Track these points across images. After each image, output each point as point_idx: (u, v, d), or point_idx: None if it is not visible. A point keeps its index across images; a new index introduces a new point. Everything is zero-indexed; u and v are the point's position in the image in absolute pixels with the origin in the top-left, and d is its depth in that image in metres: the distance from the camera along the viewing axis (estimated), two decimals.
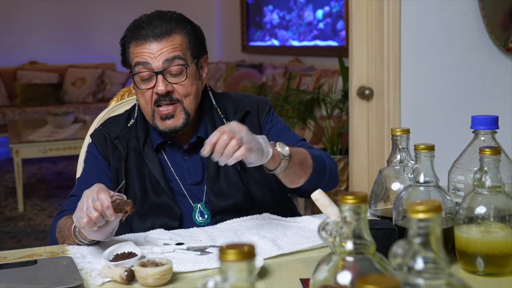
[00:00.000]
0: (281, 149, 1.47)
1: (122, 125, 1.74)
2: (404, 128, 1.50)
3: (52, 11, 8.12)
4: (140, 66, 1.61)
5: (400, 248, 0.79)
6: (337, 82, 5.19)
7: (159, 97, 1.61)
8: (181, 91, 1.62)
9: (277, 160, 1.47)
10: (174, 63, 1.60)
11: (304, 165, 1.55)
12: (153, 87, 1.61)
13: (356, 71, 2.79)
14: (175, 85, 1.61)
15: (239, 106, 1.74)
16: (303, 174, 1.55)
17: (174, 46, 1.60)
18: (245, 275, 0.70)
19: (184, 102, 1.63)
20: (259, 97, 1.84)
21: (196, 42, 1.66)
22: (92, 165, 1.72)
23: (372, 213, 1.53)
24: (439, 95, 2.75)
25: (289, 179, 1.55)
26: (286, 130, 1.76)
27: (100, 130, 1.75)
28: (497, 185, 1.24)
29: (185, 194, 1.69)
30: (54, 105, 7.56)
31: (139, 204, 1.66)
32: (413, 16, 2.67)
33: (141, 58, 1.60)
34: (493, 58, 2.78)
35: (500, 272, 1.25)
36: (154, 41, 1.59)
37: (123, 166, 1.67)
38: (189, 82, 1.62)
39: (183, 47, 1.62)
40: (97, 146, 1.72)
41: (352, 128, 2.86)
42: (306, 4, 6.79)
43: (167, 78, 1.60)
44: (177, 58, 1.60)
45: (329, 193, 1.53)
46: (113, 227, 1.40)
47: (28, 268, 1.32)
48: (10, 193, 5.57)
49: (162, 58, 1.59)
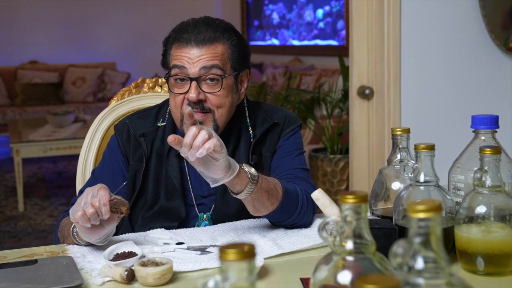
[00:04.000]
0: (248, 168, 1.42)
1: (150, 123, 1.69)
2: (404, 127, 1.50)
3: (52, 10, 8.12)
4: (176, 69, 1.57)
5: (400, 247, 0.79)
6: (337, 81, 5.20)
7: (190, 103, 1.56)
8: (214, 101, 1.57)
9: (245, 180, 1.41)
10: (211, 72, 1.55)
11: (272, 195, 1.47)
12: (185, 93, 1.56)
13: (356, 71, 2.79)
14: (209, 95, 1.56)
15: (268, 117, 1.70)
16: (269, 204, 1.47)
17: (215, 55, 1.56)
18: (246, 275, 0.70)
19: (216, 113, 1.58)
20: (291, 113, 1.77)
21: (239, 54, 1.60)
22: (109, 162, 1.69)
23: (372, 213, 1.53)
24: (439, 94, 2.75)
25: (254, 206, 1.47)
26: (292, 154, 1.69)
27: (126, 123, 1.70)
28: (497, 185, 1.24)
29: (194, 204, 1.66)
30: (55, 105, 7.56)
31: (147, 209, 1.65)
32: (413, 16, 2.67)
33: (179, 61, 1.56)
34: (493, 57, 2.78)
35: (500, 271, 1.25)
36: (195, 46, 1.55)
37: (143, 168, 1.64)
38: (223, 94, 1.57)
39: (224, 57, 1.57)
40: (119, 140, 1.68)
41: (353, 127, 2.86)
42: (306, 3, 6.79)
43: (202, 86, 1.56)
44: (215, 67, 1.55)
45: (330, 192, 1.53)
46: (107, 231, 1.39)
47: (28, 267, 1.32)
48: (10, 192, 5.57)
49: (199, 65, 1.55)
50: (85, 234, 1.39)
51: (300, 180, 1.62)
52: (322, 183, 4.13)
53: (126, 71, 8.23)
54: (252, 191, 1.42)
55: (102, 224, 1.37)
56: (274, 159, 1.69)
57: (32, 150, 5.16)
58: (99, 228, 1.37)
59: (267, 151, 1.69)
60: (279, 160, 1.68)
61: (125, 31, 8.27)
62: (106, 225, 1.37)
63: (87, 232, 1.38)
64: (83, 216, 1.33)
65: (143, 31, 8.17)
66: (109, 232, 1.40)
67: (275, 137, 1.70)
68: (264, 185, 1.45)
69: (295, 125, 1.72)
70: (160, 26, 8.56)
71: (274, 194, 1.48)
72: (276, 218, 1.54)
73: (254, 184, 1.42)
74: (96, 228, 1.37)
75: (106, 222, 1.37)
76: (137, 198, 1.65)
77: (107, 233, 1.40)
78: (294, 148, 1.70)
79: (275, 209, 1.49)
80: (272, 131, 1.70)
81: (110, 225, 1.38)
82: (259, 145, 1.69)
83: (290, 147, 1.70)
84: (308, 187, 1.60)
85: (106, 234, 1.40)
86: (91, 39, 8.32)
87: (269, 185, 1.47)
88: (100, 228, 1.37)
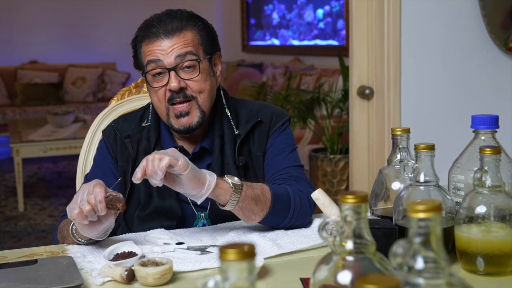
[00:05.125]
0: (230, 178, 1.43)
1: (135, 124, 1.71)
2: (404, 127, 1.50)
3: (52, 10, 8.12)
4: (152, 64, 1.59)
5: (400, 247, 0.79)
6: (337, 81, 5.19)
7: (172, 94, 1.59)
8: (194, 87, 1.60)
9: (228, 190, 1.42)
10: (187, 59, 1.58)
11: (260, 200, 1.47)
12: (166, 85, 1.59)
13: (357, 71, 2.79)
14: (188, 81, 1.59)
15: (252, 115, 1.70)
16: (258, 210, 1.48)
17: (186, 42, 1.59)
18: (246, 275, 0.70)
19: (199, 98, 1.61)
20: (278, 108, 1.77)
21: (208, 38, 1.64)
22: (99, 164, 1.71)
23: (372, 213, 1.53)
24: (439, 94, 2.75)
25: (244, 214, 1.48)
26: (285, 152, 1.68)
27: (112, 127, 1.73)
28: (497, 185, 1.24)
29: (188, 201, 1.65)
30: (55, 105, 7.56)
31: (141, 208, 1.65)
32: (413, 16, 2.67)
33: (153, 55, 1.59)
34: (493, 57, 2.78)
35: (500, 271, 1.25)
36: (166, 37, 1.58)
37: (130, 167, 1.65)
38: (202, 78, 1.60)
39: (195, 43, 1.61)
40: (107, 143, 1.71)
41: (353, 127, 2.86)
42: (306, 3, 6.79)
43: (180, 74, 1.59)
44: (189, 53, 1.58)
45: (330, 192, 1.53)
46: (105, 226, 1.39)
47: (28, 267, 1.32)
48: (10, 192, 5.57)
49: (174, 54, 1.58)
50: (83, 230, 1.40)
51: (294, 179, 1.62)
52: (322, 183, 4.13)
53: (126, 71, 8.23)
54: (238, 200, 1.43)
55: (100, 220, 1.37)
56: (266, 158, 1.69)
57: (32, 150, 5.16)
58: (97, 224, 1.38)
59: (257, 151, 1.68)
60: (272, 159, 1.67)
61: (125, 31, 8.20)
62: (104, 220, 1.38)
63: (85, 228, 1.39)
64: (80, 214, 1.34)
65: None
66: (107, 226, 1.41)
67: (264, 135, 1.69)
68: (249, 192, 1.45)
69: (283, 120, 1.72)
70: None
71: (262, 199, 1.48)
72: (270, 223, 1.54)
73: (238, 193, 1.43)
74: (94, 224, 1.37)
75: (104, 218, 1.37)
76: (128, 197, 1.65)
77: (105, 227, 1.40)
78: (286, 145, 1.70)
79: (266, 215, 1.49)
80: (259, 129, 1.69)
81: (108, 220, 1.38)
82: (246, 144, 1.69)
83: (281, 144, 1.69)
84: (304, 185, 1.60)
85: (105, 229, 1.41)
86: (91, 39, 8.32)
87: (255, 192, 1.47)
88: (98, 223, 1.38)
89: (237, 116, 1.70)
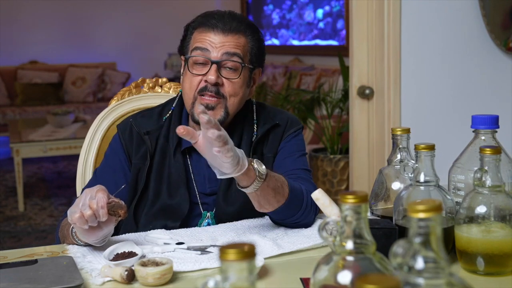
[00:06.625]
0: (258, 166, 1.42)
1: (154, 121, 1.71)
2: (405, 127, 1.50)
3: (52, 10, 8.12)
4: (198, 51, 1.60)
5: (400, 247, 0.79)
6: (338, 81, 5.20)
7: (206, 85, 1.59)
8: (229, 88, 1.61)
9: (252, 177, 1.41)
10: (233, 59, 1.60)
11: (278, 192, 1.48)
12: (204, 75, 1.60)
13: (357, 71, 2.79)
14: (226, 81, 1.60)
15: (269, 118, 1.73)
16: (274, 201, 1.48)
17: (238, 44, 1.61)
18: (246, 275, 0.70)
19: (229, 100, 1.61)
20: (293, 116, 1.80)
21: (258, 50, 1.66)
22: (110, 160, 1.71)
23: (372, 213, 1.53)
24: (439, 94, 2.75)
25: (259, 202, 1.48)
26: (294, 155, 1.70)
27: (130, 122, 1.72)
28: (498, 185, 1.24)
29: (198, 201, 1.67)
30: (55, 105, 7.56)
31: (149, 206, 1.65)
32: (413, 16, 2.67)
33: (202, 44, 1.60)
34: (493, 57, 2.78)
35: (500, 271, 1.25)
36: (221, 32, 1.60)
37: (147, 165, 1.65)
38: (239, 83, 1.62)
39: (245, 49, 1.62)
40: (121, 139, 1.70)
41: (353, 127, 2.86)
42: (306, 3, 6.79)
43: (221, 71, 1.60)
44: (236, 55, 1.60)
45: (330, 192, 1.53)
46: (105, 232, 1.39)
47: (28, 267, 1.32)
48: (10, 192, 5.57)
49: (222, 50, 1.59)
50: (82, 235, 1.39)
51: (302, 180, 1.63)
52: (322, 183, 4.13)
53: (126, 71, 8.23)
54: (258, 188, 1.43)
55: (100, 226, 1.36)
56: (276, 160, 1.71)
57: (32, 150, 5.16)
58: (96, 229, 1.37)
59: (269, 152, 1.71)
60: (281, 161, 1.70)
61: (125, 31, 8.27)
62: (104, 226, 1.37)
63: (84, 233, 1.38)
64: (80, 218, 1.33)
65: (143, 31, 8.17)
66: (106, 233, 1.40)
67: (277, 138, 1.72)
68: (271, 183, 1.46)
69: (297, 127, 1.75)
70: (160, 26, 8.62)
71: (281, 192, 1.49)
72: (280, 216, 1.55)
73: (260, 182, 1.43)
74: (94, 229, 1.37)
75: (104, 224, 1.36)
76: (141, 195, 1.66)
77: (104, 234, 1.39)
78: (296, 150, 1.72)
79: (280, 207, 1.50)
80: (274, 132, 1.72)
81: (108, 227, 1.38)
82: (260, 145, 1.71)
83: (292, 148, 1.72)
84: (310, 188, 1.60)
85: (104, 236, 1.40)
86: (91, 39, 8.32)
87: (276, 183, 1.48)
88: (98, 229, 1.37)
89: (257, 119, 1.73)
